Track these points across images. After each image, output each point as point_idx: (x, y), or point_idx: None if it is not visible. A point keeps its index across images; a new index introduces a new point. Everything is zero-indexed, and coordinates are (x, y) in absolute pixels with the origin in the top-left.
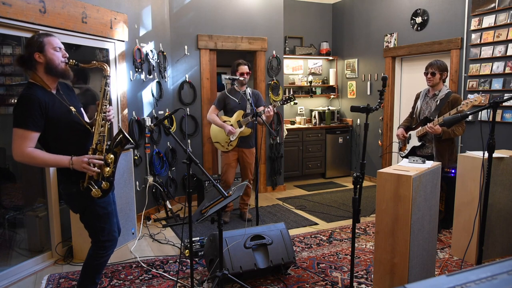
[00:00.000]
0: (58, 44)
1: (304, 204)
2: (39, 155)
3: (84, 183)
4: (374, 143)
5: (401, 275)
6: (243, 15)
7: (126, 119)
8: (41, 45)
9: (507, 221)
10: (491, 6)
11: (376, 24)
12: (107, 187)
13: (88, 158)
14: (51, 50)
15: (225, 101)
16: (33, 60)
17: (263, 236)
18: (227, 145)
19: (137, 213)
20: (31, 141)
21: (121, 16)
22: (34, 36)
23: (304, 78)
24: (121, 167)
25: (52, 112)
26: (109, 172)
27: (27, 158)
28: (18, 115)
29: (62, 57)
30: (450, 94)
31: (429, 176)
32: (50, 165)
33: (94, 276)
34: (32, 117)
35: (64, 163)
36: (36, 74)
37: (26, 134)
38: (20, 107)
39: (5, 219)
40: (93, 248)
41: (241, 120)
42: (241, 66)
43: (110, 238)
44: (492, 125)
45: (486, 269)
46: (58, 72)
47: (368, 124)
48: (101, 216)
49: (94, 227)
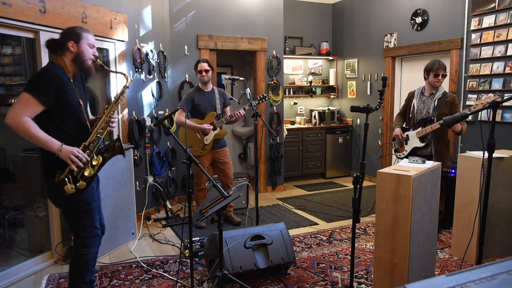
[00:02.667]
0: (93, 42)
1: (304, 204)
2: (32, 127)
3: (61, 175)
4: (374, 143)
5: (401, 275)
6: (243, 15)
7: (126, 119)
8: (78, 36)
9: (507, 221)
10: (491, 6)
11: (376, 24)
12: (82, 187)
13: (77, 150)
14: (86, 45)
15: (193, 102)
16: (65, 47)
17: (263, 236)
18: (201, 148)
19: (137, 213)
20: (32, 110)
21: (121, 16)
22: (76, 27)
23: (304, 78)
24: (121, 167)
25: (66, 94)
26: (90, 173)
27: (20, 123)
28: (33, 81)
29: (92, 55)
30: (447, 93)
31: (429, 176)
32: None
33: (82, 275)
34: (45, 89)
35: (53, 146)
36: (61, 58)
37: (32, 101)
38: (38, 77)
39: (5, 219)
40: (75, 246)
41: (214, 122)
42: (200, 63)
43: (91, 234)
44: (492, 125)
45: (486, 269)
46: (84, 66)
47: (368, 124)
48: (83, 212)
49: (75, 223)
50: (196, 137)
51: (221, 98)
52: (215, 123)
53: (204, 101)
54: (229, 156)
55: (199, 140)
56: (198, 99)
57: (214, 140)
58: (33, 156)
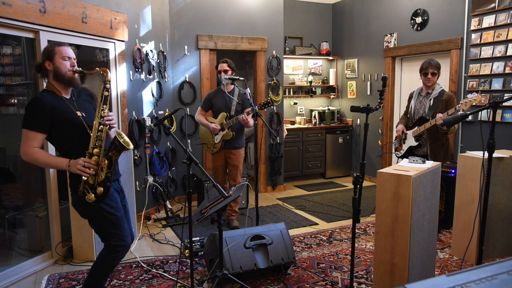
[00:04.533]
0: (67, 54)
1: (304, 204)
2: (40, 156)
3: (80, 188)
4: (374, 143)
5: (401, 275)
6: (243, 15)
7: (126, 119)
8: (51, 54)
9: (507, 221)
10: (491, 6)
11: (376, 24)
12: (101, 192)
13: (83, 161)
14: (60, 59)
15: (211, 102)
16: (44, 67)
17: (263, 236)
18: (212, 146)
19: (137, 213)
20: (35, 141)
21: (121, 16)
22: (47, 46)
23: (304, 78)
24: (121, 167)
25: (58, 114)
26: (102, 177)
27: (30, 157)
28: (25, 116)
29: (70, 66)
30: (444, 92)
31: (429, 176)
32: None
33: (101, 277)
34: (36, 119)
35: (63, 165)
36: (48, 81)
37: (30, 134)
38: (27, 110)
39: (5, 219)
40: (105, 250)
41: (223, 123)
42: (220, 63)
43: (121, 243)
44: (492, 125)
45: (486, 269)
46: (65, 79)
47: (368, 124)
48: (109, 222)
49: (103, 232)
50: (209, 136)
51: (240, 98)
52: (224, 123)
53: (220, 101)
54: (240, 159)
55: (211, 138)
56: (214, 99)
57: (224, 141)
58: None
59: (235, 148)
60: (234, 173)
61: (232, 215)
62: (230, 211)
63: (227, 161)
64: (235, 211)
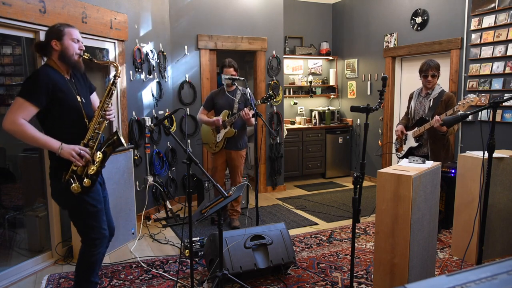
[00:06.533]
0: (77, 36)
1: (304, 204)
2: (30, 129)
3: (66, 176)
4: (374, 143)
5: (401, 275)
6: (243, 15)
7: (126, 119)
8: (60, 34)
9: (507, 221)
10: (491, 6)
11: (376, 24)
12: (88, 185)
13: (80, 148)
14: (69, 40)
15: (213, 101)
16: (50, 46)
17: (263, 236)
18: (214, 146)
19: (137, 213)
20: (27, 113)
21: (121, 16)
22: (56, 25)
23: (304, 78)
24: (121, 167)
25: (60, 92)
26: (93, 170)
27: (17, 127)
28: (24, 86)
29: (78, 49)
30: (444, 92)
31: (429, 176)
32: (38, 143)
33: (88, 274)
34: (36, 91)
35: (54, 146)
36: (51, 59)
37: (25, 104)
38: (29, 80)
39: (5, 219)
40: (84, 246)
41: (226, 120)
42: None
43: (99, 236)
44: (492, 125)
45: (486, 269)
46: (70, 61)
47: (368, 124)
48: (90, 214)
49: (83, 225)
50: (211, 134)
51: (241, 98)
52: (226, 121)
53: (222, 100)
54: (241, 160)
55: (213, 137)
56: (217, 98)
57: (227, 140)
58: (33, 156)
59: (237, 149)
60: (235, 175)
61: (234, 215)
62: (232, 211)
63: (228, 161)
64: (236, 210)
